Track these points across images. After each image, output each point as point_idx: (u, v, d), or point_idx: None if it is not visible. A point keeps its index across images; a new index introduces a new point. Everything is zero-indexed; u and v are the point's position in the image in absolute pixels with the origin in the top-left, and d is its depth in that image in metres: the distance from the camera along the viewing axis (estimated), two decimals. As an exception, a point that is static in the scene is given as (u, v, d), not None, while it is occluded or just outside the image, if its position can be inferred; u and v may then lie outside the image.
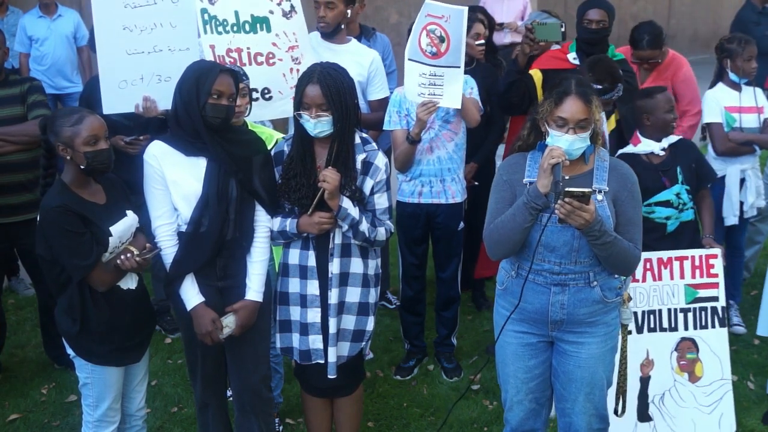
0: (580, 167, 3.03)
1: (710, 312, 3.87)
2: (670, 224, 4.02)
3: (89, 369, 3.15)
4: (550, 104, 2.94)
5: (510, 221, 2.96)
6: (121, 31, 3.81)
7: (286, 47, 4.07)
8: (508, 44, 7.53)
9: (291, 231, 3.23)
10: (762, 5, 7.07)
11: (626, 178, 3.03)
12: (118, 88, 3.82)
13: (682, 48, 5.16)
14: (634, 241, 2.99)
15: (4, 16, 7.06)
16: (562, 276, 3.00)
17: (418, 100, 4.00)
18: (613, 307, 3.11)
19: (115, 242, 3.06)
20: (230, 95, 3.11)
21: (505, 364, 3.22)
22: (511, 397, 3.23)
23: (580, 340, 3.07)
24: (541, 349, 3.15)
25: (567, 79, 3.00)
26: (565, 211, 2.78)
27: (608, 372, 3.16)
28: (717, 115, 4.77)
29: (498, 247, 3.05)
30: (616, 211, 2.98)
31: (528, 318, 3.10)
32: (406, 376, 4.56)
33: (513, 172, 3.07)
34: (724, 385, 3.87)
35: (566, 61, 4.57)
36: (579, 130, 2.90)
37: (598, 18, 4.51)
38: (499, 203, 3.06)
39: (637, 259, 3.03)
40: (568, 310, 3.02)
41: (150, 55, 3.85)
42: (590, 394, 3.12)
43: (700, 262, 3.85)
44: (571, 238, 2.95)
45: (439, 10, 3.87)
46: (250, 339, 3.29)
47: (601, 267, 3.01)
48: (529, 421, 3.23)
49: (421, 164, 4.28)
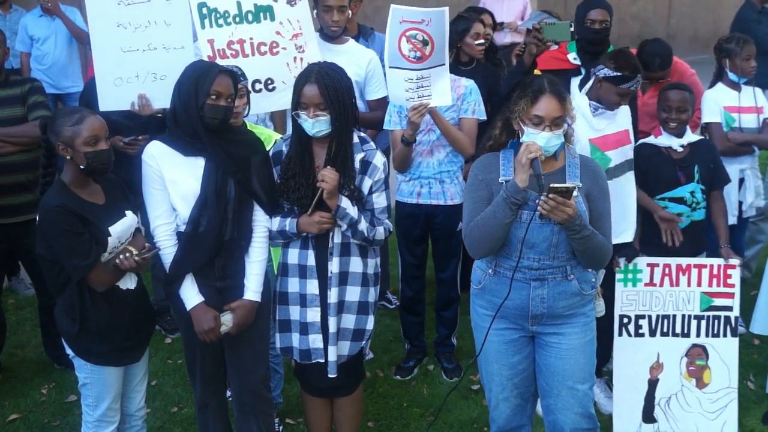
0: (551, 164, 3.09)
1: (723, 321, 3.89)
2: (680, 222, 4.04)
3: (88, 369, 3.15)
4: (526, 103, 2.99)
5: (490, 218, 2.99)
6: (116, 29, 3.80)
7: (290, 35, 4.04)
8: (508, 44, 7.52)
9: (290, 231, 3.23)
10: (762, 5, 7.06)
11: (597, 174, 3.14)
12: (113, 86, 3.82)
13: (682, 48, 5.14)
14: (606, 235, 3.09)
15: (8, 13, 7.06)
16: (541, 271, 3.06)
17: (407, 104, 3.98)
18: (589, 299, 3.19)
19: (114, 242, 3.06)
20: (229, 96, 3.12)
21: (488, 363, 3.25)
22: (496, 395, 3.26)
23: (560, 331, 3.13)
24: (523, 344, 3.20)
25: (539, 78, 3.08)
26: (548, 207, 2.85)
27: (590, 365, 3.20)
28: (716, 115, 4.77)
29: (479, 244, 3.07)
30: (589, 206, 3.06)
31: (509, 314, 3.13)
32: (406, 376, 4.56)
33: (487, 171, 3.11)
34: (729, 393, 3.90)
35: (566, 61, 4.56)
36: (554, 128, 2.98)
37: (601, 18, 4.52)
38: (476, 202, 3.09)
39: (610, 252, 3.11)
40: (548, 304, 3.08)
41: (145, 53, 3.85)
42: (572, 390, 3.14)
43: (718, 272, 3.88)
44: (550, 234, 3.01)
45: (416, 14, 3.78)
46: (249, 339, 3.29)
47: (577, 261, 3.08)
48: (515, 418, 3.28)
49: (421, 165, 4.29)
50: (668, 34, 15.99)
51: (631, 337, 3.87)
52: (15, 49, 6.82)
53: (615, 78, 3.73)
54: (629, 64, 3.78)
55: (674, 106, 4.04)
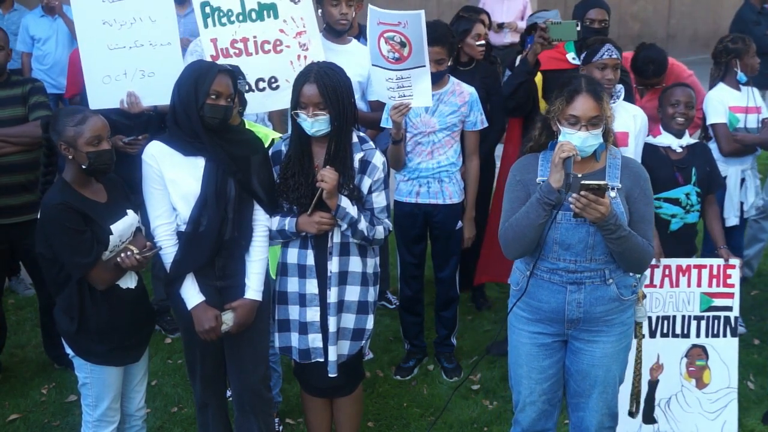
0: (592, 165, 3.03)
1: (723, 321, 3.89)
2: (674, 223, 4.03)
3: (88, 368, 3.16)
4: (561, 103, 2.95)
5: (524, 218, 2.95)
6: (101, 26, 3.82)
7: (294, 33, 4.03)
8: (508, 44, 7.53)
9: (290, 230, 3.23)
10: (761, 5, 7.07)
11: (638, 175, 3.05)
12: (102, 83, 3.82)
13: (682, 48, 5.14)
14: (647, 238, 3.00)
15: (7, 12, 7.06)
16: (578, 274, 2.99)
17: (389, 102, 3.98)
18: (628, 305, 3.11)
19: (115, 241, 3.07)
20: (228, 95, 3.12)
21: (518, 366, 3.20)
22: (524, 398, 3.21)
23: (595, 338, 3.07)
24: (555, 349, 3.14)
25: (576, 78, 3.01)
26: (580, 205, 2.78)
27: (621, 370, 3.17)
28: (722, 115, 4.74)
29: (513, 245, 3.04)
30: (629, 208, 2.99)
31: (544, 317, 3.09)
32: (406, 376, 4.56)
33: (526, 172, 3.08)
34: (729, 394, 3.90)
35: (565, 61, 4.57)
36: (591, 128, 2.91)
37: (600, 17, 4.52)
38: (513, 203, 3.06)
39: (651, 255, 3.03)
40: (585, 309, 3.02)
41: (131, 50, 3.87)
42: (603, 393, 3.12)
43: (718, 272, 3.88)
44: (586, 235, 2.95)
45: (392, 17, 3.74)
46: (249, 339, 3.29)
47: (616, 264, 3.01)
48: (540, 422, 3.22)
49: (420, 165, 4.29)
50: (668, 34, 16.00)
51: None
52: (16, 49, 6.83)
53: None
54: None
55: (683, 101, 4.00)
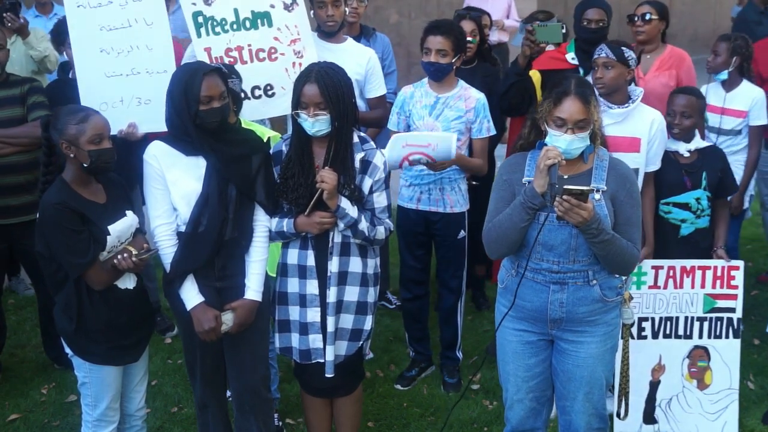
0: (578, 166, 3.03)
1: (726, 322, 3.89)
2: (684, 228, 3.99)
3: (87, 368, 3.16)
4: (549, 104, 2.95)
5: (507, 220, 2.97)
6: (99, 54, 3.89)
7: (288, 41, 4.06)
8: (495, 43, 7.51)
9: (288, 231, 3.23)
10: (764, 5, 7.06)
11: (625, 177, 3.04)
12: (99, 110, 3.85)
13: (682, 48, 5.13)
14: (633, 241, 3.00)
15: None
16: (560, 275, 3.00)
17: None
18: (613, 306, 3.11)
19: (113, 241, 3.06)
20: (221, 95, 3.10)
21: (505, 363, 3.23)
22: (512, 395, 3.23)
23: (579, 339, 3.08)
24: (541, 348, 3.16)
25: (567, 79, 3.00)
26: (563, 209, 2.79)
27: (607, 371, 3.17)
28: None
29: (495, 245, 3.06)
30: (614, 210, 2.98)
31: (527, 316, 3.10)
32: (407, 386, 4.45)
33: (513, 171, 3.09)
34: (730, 395, 3.90)
35: (565, 61, 4.57)
36: (578, 130, 2.91)
37: (597, 17, 4.52)
38: (499, 203, 3.07)
39: (636, 258, 3.03)
40: (567, 309, 3.03)
41: (129, 77, 3.93)
42: (589, 394, 3.12)
43: (722, 273, 3.87)
44: (568, 237, 2.95)
45: (421, 139, 3.70)
46: (249, 339, 3.28)
47: (600, 266, 3.01)
48: (529, 420, 3.23)
49: (422, 171, 4.15)
50: (668, 33, 15.97)
51: (633, 339, 3.84)
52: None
53: None
54: None
55: (678, 111, 3.95)
